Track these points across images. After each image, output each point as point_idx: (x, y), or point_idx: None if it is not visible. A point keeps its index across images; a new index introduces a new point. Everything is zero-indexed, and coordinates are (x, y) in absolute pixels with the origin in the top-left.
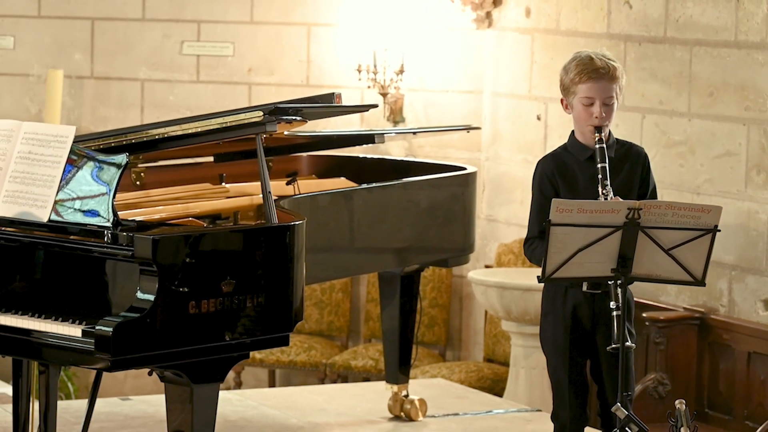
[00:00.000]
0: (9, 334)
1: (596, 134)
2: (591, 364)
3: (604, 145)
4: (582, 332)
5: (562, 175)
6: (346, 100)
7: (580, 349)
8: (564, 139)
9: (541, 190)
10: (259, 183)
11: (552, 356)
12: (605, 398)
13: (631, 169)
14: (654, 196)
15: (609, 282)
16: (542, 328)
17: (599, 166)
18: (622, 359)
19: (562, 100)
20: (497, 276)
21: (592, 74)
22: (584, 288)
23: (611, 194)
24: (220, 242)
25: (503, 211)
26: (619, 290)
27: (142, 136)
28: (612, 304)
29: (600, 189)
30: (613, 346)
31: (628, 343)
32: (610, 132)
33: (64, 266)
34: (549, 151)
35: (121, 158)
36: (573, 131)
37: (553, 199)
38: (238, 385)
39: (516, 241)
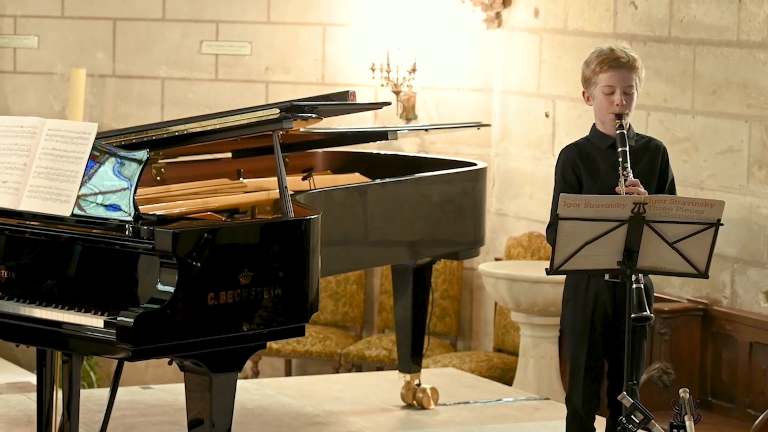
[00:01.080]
0: (34, 324)
1: (617, 121)
2: (605, 346)
3: (625, 131)
4: (602, 319)
5: (584, 162)
6: (360, 98)
7: (599, 336)
8: (570, 136)
9: (564, 177)
10: (275, 178)
11: (571, 341)
12: (616, 380)
13: (650, 161)
14: (672, 187)
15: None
16: (564, 314)
17: (620, 149)
18: (628, 345)
19: (583, 93)
20: (507, 268)
21: (612, 63)
22: (606, 277)
23: (631, 175)
24: (238, 236)
25: (512, 206)
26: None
27: (163, 132)
28: (633, 278)
29: (620, 171)
30: (634, 315)
31: (647, 313)
32: (630, 124)
33: (87, 259)
34: (557, 146)
35: (142, 154)
36: (594, 124)
37: (561, 194)
38: (256, 374)
39: (525, 234)
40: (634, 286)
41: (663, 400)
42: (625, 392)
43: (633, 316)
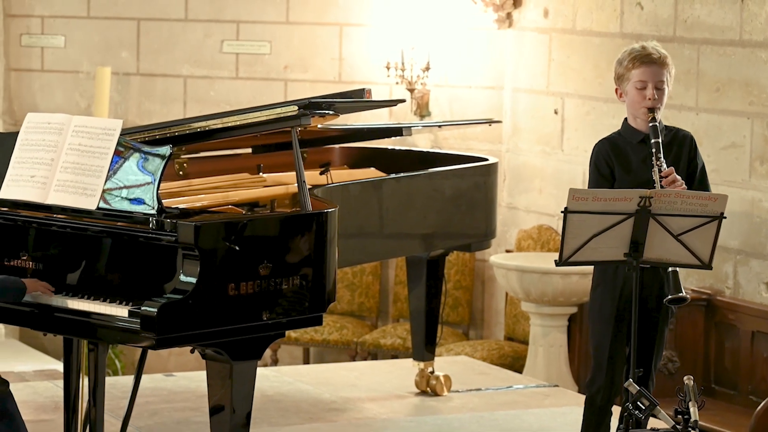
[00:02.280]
0: (61, 314)
1: (650, 114)
2: (629, 330)
3: (657, 124)
4: (628, 304)
5: (617, 156)
6: (376, 96)
7: (625, 321)
8: (579, 132)
9: (598, 168)
10: (294, 173)
11: (597, 324)
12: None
13: (679, 152)
14: (704, 174)
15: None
16: (592, 298)
17: (653, 141)
18: (634, 337)
19: (616, 90)
20: (517, 260)
21: (644, 59)
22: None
23: (665, 165)
24: (258, 228)
25: (523, 199)
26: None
27: (185, 129)
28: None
29: (654, 161)
30: (671, 297)
31: (683, 294)
32: (660, 120)
33: (111, 251)
34: (566, 142)
35: (165, 150)
36: (626, 119)
37: (569, 188)
38: (275, 362)
39: (535, 227)
40: (669, 269)
41: (668, 387)
42: (631, 379)
43: (670, 297)
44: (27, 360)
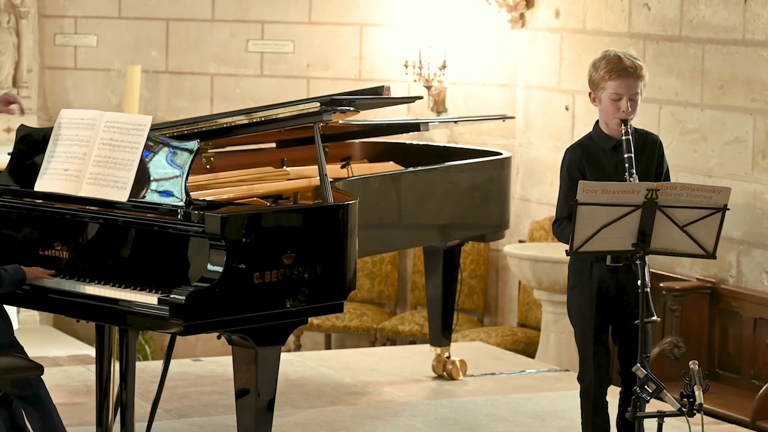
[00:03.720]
0: (94, 302)
1: (623, 126)
2: (613, 329)
3: (630, 137)
4: (606, 302)
5: (589, 162)
6: (394, 93)
7: (604, 317)
8: (589, 127)
9: (570, 175)
10: (316, 166)
11: (578, 324)
12: (626, 358)
13: (648, 155)
14: (667, 178)
15: (631, 257)
16: (569, 299)
17: (626, 155)
18: (642, 328)
19: (590, 94)
20: (530, 250)
21: (621, 73)
22: (608, 262)
23: (637, 180)
24: (282, 220)
25: (535, 192)
26: (646, 270)
27: (212, 124)
28: (639, 282)
29: (627, 177)
30: (645, 320)
31: (655, 318)
32: (630, 124)
33: (141, 241)
34: (576, 137)
35: (193, 144)
36: (597, 121)
37: (579, 181)
38: (298, 347)
39: (546, 218)
40: (640, 290)
41: (674, 372)
42: (639, 364)
43: (645, 320)
44: (61, 346)
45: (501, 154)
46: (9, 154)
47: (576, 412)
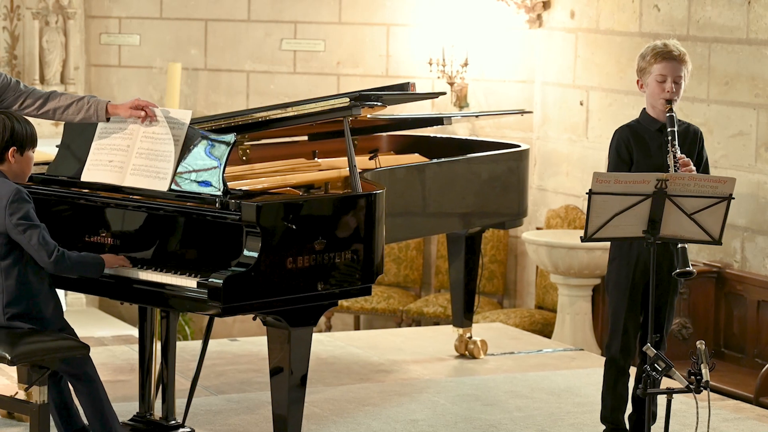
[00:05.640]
0: (137, 285)
1: (667, 105)
2: (643, 300)
3: (674, 114)
4: (642, 276)
5: (636, 142)
6: (419, 89)
7: (639, 291)
8: (602, 122)
9: (618, 153)
10: (346, 158)
11: (614, 293)
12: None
13: (690, 144)
14: (707, 166)
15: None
16: (609, 270)
17: (669, 129)
18: (653, 303)
19: (638, 81)
20: (546, 236)
21: (666, 56)
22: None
23: (678, 152)
24: (313, 208)
25: (551, 182)
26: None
27: (248, 118)
28: (675, 255)
29: (670, 148)
30: (679, 270)
31: (690, 268)
32: (675, 113)
33: (181, 228)
34: (590, 131)
35: (230, 137)
36: (644, 108)
37: (593, 172)
38: (329, 328)
39: (562, 207)
40: (679, 246)
41: (682, 351)
42: (649, 343)
43: (678, 271)
44: (106, 326)
45: (519, 146)
46: (57, 146)
47: (590, 389)
